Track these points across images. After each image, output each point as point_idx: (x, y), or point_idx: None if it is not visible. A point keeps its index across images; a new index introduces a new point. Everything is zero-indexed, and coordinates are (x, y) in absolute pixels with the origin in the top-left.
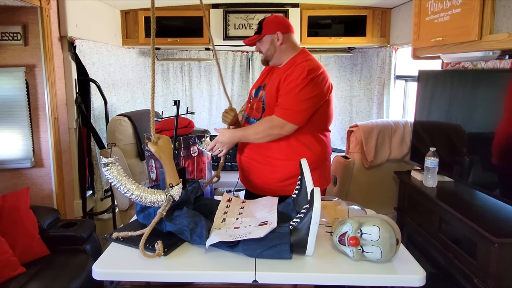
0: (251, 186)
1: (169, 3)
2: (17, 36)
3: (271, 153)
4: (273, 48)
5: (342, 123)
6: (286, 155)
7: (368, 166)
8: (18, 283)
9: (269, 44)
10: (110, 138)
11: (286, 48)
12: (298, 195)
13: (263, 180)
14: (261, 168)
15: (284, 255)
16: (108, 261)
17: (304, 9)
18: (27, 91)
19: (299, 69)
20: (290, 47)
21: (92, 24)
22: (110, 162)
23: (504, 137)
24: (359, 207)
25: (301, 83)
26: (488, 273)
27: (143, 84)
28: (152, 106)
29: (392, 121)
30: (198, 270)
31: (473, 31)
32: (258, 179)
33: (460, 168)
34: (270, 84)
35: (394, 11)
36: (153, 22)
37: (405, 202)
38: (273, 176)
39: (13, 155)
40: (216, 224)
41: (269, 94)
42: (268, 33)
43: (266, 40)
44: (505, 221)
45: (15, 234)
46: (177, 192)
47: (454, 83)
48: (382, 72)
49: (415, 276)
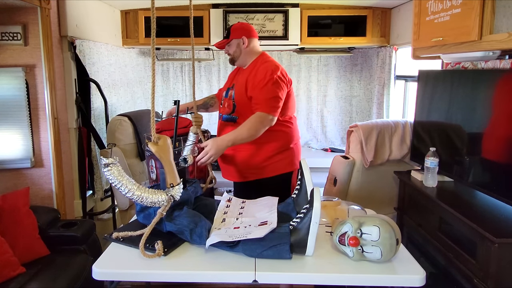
0: (234, 176)
1: (169, 3)
2: (17, 36)
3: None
4: (239, 50)
5: (342, 123)
6: (260, 140)
7: (368, 166)
8: (18, 283)
9: (235, 47)
10: (110, 138)
11: (250, 51)
12: (298, 195)
13: (246, 165)
14: (243, 155)
15: (284, 255)
16: (108, 261)
17: (304, 9)
18: (27, 91)
19: (263, 69)
20: (254, 50)
21: (92, 24)
22: (110, 163)
23: (504, 137)
24: (359, 207)
25: (270, 80)
26: (488, 273)
27: (143, 84)
28: (152, 106)
29: (392, 121)
30: (198, 270)
31: (473, 31)
32: (242, 164)
33: (460, 168)
34: (238, 84)
35: (394, 11)
36: (153, 22)
37: (405, 202)
38: (254, 160)
39: (13, 155)
40: (216, 224)
41: (238, 92)
42: (235, 38)
43: (233, 44)
44: (505, 221)
45: (15, 234)
46: (177, 192)
47: (454, 83)
48: (382, 72)
49: (415, 276)
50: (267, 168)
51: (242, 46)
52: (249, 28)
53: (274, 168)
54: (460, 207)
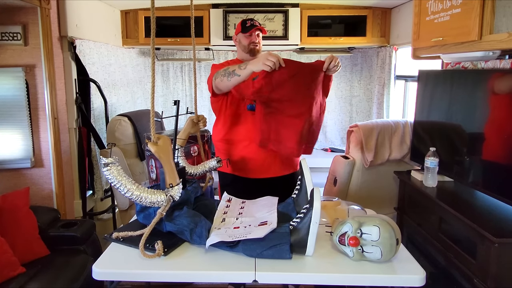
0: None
1: (169, 3)
2: (17, 36)
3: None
4: (260, 44)
5: (342, 123)
6: None
7: (368, 166)
8: (18, 283)
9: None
10: (110, 138)
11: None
12: (298, 195)
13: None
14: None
15: (284, 255)
16: (108, 261)
17: (304, 9)
18: (27, 91)
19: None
20: None
21: (92, 24)
22: (110, 162)
23: (504, 136)
24: (359, 207)
25: None
26: (488, 273)
27: (143, 84)
28: (152, 106)
29: (392, 121)
30: (198, 270)
31: (473, 31)
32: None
33: (460, 168)
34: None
35: (394, 11)
36: (153, 22)
37: (405, 202)
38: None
39: (13, 155)
40: (215, 224)
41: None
42: (265, 33)
43: (260, 37)
44: (505, 221)
45: (15, 234)
46: (177, 192)
47: (454, 83)
48: (382, 72)
49: (415, 276)
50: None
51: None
52: None
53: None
54: (460, 207)
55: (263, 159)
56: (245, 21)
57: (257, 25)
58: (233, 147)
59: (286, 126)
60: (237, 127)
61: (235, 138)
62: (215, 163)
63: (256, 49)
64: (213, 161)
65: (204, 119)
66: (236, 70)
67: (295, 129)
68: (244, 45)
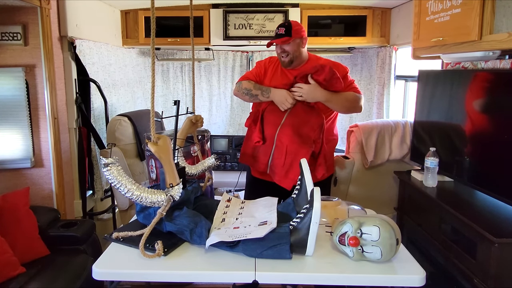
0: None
1: (169, 3)
2: (17, 36)
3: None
4: (299, 50)
5: (342, 123)
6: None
7: (368, 166)
8: (18, 283)
9: (297, 47)
10: (110, 138)
11: (304, 50)
12: (298, 195)
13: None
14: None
15: (284, 255)
16: (108, 261)
17: (304, 9)
18: (27, 91)
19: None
20: (305, 50)
21: (92, 24)
22: (110, 163)
23: (504, 136)
24: (359, 207)
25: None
26: (488, 273)
27: (143, 84)
28: (152, 106)
29: (392, 121)
30: (198, 270)
31: (473, 31)
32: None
33: (460, 168)
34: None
35: (394, 11)
36: (153, 22)
37: (405, 202)
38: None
39: (13, 155)
40: (215, 224)
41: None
42: (297, 37)
43: (294, 43)
44: (505, 221)
45: (15, 234)
46: (177, 192)
47: (454, 83)
48: (382, 72)
49: (415, 276)
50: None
51: (301, 45)
52: (303, 27)
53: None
54: (460, 207)
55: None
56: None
57: (280, 36)
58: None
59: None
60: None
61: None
62: (213, 161)
63: (284, 61)
64: (211, 159)
65: (201, 119)
66: (259, 95)
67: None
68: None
